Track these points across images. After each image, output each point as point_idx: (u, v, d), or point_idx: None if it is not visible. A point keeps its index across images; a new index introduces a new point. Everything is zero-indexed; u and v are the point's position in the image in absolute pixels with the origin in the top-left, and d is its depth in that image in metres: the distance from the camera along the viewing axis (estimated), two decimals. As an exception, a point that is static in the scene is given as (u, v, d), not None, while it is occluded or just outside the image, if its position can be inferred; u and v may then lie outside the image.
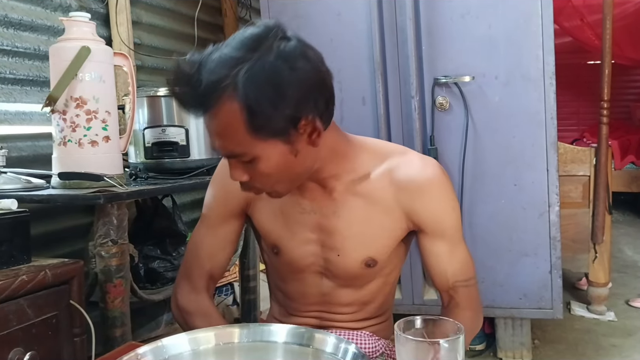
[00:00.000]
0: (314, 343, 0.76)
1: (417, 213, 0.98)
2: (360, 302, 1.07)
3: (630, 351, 2.38)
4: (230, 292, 2.58)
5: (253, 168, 0.87)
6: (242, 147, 0.84)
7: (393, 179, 0.98)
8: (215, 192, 1.08)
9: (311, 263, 1.03)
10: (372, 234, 0.99)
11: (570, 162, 2.67)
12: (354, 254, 0.99)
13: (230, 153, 0.87)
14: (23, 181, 1.43)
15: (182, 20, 2.64)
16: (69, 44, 1.40)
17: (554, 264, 2.11)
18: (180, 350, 0.77)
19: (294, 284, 1.08)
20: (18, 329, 1.04)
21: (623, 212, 5.18)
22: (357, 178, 0.98)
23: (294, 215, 1.01)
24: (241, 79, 0.78)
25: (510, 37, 2.04)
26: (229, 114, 0.81)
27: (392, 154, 1.00)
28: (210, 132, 0.86)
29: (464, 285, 1.01)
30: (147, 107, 1.74)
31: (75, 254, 1.81)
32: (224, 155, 0.89)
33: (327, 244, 1.01)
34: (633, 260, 3.80)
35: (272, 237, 1.05)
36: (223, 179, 1.05)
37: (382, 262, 1.01)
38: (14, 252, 1.12)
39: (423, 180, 0.97)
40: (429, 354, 0.62)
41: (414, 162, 0.99)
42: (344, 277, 1.03)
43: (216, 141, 0.86)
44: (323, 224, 1.00)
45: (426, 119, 2.14)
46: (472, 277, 1.03)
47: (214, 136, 0.86)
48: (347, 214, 0.98)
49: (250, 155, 0.85)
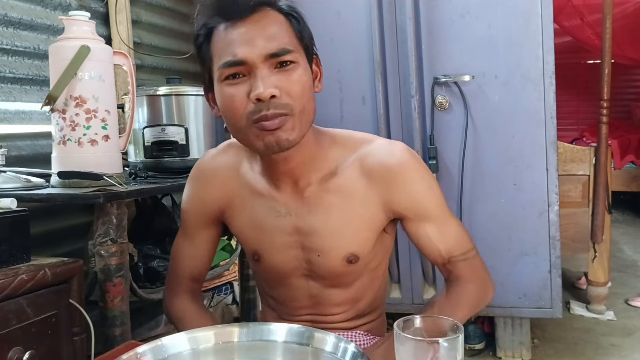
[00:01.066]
0: (314, 342, 0.76)
1: (394, 201, 0.97)
2: (350, 300, 1.06)
3: (629, 350, 2.38)
4: (230, 291, 2.58)
5: (287, 77, 0.86)
6: (291, 44, 0.87)
7: (364, 169, 0.97)
8: (189, 202, 1.09)
9: (295, 267, 1.02)
10: (350, 229, 0.98)
11: (569, 162, 2.67)
12: (333, 252, 0.98)
13: (281, 49, 0.85)
14: (22, 180, 1.43)
15: (181, 19, 2.64)
16: (68, 43, 1.40)
17: (554, 263, 2.11)
18: (179, 350, 0.77)
19: (282, 289, 1.07)
20: (17, 328, 1.04)
21: (623, 211, 5.18)
22: (328, 173, 0.97)
23: (270, 220, 1.00)
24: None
25: (510, 37, 2.04)
26: (276, 18, 0.88)
27: (360, 144, 0.99)
28: (258, 34, 0.85)
29: (462, 259, 1.00)
30: (146, 106, 1.74)
31: (74, 253, 1.81)
32: (274, 52, 0.85)
33: (306, 245, 1.00)
34: (632, 260, 3.81)
35: (251, 244, 1.04)
36: (197, 189, 1.07)
37: (365, 256, 1.00)
38: (14, 251, 1.12)
39: (392, 166, 0.96)
40: (429, 353, 0.62)
41: (381, 149, 0.98)
42: (329, 276, 1.02)
43: (265, 41, 0.85)
44: (299, 226, 0.99)
45: (426, 118, 2.14)
46: (470, 250, 1.01)
47: (264, 36, 0.85)
48: (322, 212, 0.98)
49: (294, 57, 0.87)
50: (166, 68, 2.51)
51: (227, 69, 0.86)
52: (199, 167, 1.09)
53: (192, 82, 2.52)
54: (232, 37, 0.85)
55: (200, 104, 1.77)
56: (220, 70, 0.87)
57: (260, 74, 0.84)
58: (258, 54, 0.84)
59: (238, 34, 0.85)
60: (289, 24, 0.89)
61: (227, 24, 0.87)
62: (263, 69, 0.85)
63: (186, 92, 1.75)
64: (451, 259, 1.00)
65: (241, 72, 0.86)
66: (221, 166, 1.06)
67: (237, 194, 1.04)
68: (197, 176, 1.09)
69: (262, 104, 0.85)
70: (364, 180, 0.97)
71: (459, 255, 1.00)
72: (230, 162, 1.05)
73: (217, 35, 0.88)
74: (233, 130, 0.92)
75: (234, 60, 0.85)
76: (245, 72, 0.86)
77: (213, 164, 1.07)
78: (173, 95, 1.74)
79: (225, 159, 1.06)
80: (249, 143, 0.91)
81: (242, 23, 0.85)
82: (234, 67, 0.86)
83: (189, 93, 1.75)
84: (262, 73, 0.85)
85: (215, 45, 0.89)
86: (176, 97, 1.74)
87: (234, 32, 0.86)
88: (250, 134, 0.88)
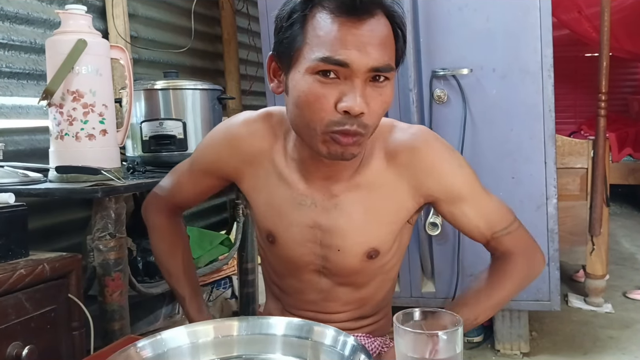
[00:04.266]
0: (313, 335, 0.76)
1: (424, 185, 0.95)
2: (358, 300, 1.04)
3: (627, 343, 2.39)
4: (229, 286, 2.58)
5: (378, 95, 0.83)
6: (392, 60, 0.84)
7: (389, 157, 0.95)
8: (207, 153, 1.06)
9: (309, 262, 1.00)
10: (375, 223, 0.96)
11: (567, 155, 2.67)
12: (355, 247, 0.96)
13: (386, 65, 0.81)
14: (20, 175, 1.42)
15: (179, 13, 2.63)
16: (65, 37, 1.39)
17: (552, 256, 2.11)
18: (179, 344, 0.77)
19: (291, 280, 1.05)
20: (16, 323, 1.04)
21: (620, 204, 5.20)
22: (356, 168, 0.96)
23: (292, 208, 0.97)
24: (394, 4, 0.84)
25: (508, 30, 2.03)
26: (387, 27, 0.82)
27: (383, 132, 0.96)
28: (370, 41, 0.79)
29: (505, 234, 0.98)
30: (144, 101, 1.73)
31: (73, 247, 1.81)
32: (379, 67, 0.81)
33: (326, 241, 0.97)
34: (630, 253, 3.82)
35: (267, 224, 1.01)
36: (220, 146, 1.03)
37: (384, 252, 0.98)
38: (12, 246, 1.12)
39: (417, 148, 0.94)
40: (428, 345, 0.62)
41: (403, 133, 0.96)
42: (344, 274, 1.00)
43: (376, 51, 0.80)
44: (322, 220, 0.96)
45: (424, 111, 2.14)
46: (512, 222, 0.99)
47: (375, 46, 0.80)
48: (348, 208, 0.95)
49: (390, 75, 0.84)
50: (163, 62, 2.50)
51: (324, 64, 0.79)
52: (230, 128, 1.03)
53: (189, 76, 2.52)
54: (343, 35, 0.79)
55: (198, 98, 1.76)
56: (314, 62, 0.80)
57: (359, 85, 0.80)
58: (365, 63, 0.79)
59: (352, 34, 0.79)
60: (394, 38, 0.84)
61: (341, 17, 0.79)
62: (362, 80, 0.81)
63: (184, 86, 1.75)
64: (494, 234, 0.98)
65: (338, 72, 0.80)
66: (254, 135, 1.00)
67: (261, 168, 1.00)
68: (224, 136, 1.03)
69: (347, 117, 0.81)
70: (392, 169, 0.95)
71: (501, 230, 0.98)
72: (265, 135, 1.00)
73: (322, 20, 0.80)
74: (299, 122, 0.87)
75: (339, 60, 0.79)
76: (342, 74, 0.80)
77: (246, 129, 1.01)
78: (171, 89, 1.73)
79: (261, 129, 1.00)
80: (312, 143, 0.86)
81: (359, 24, 0.79)
82: (335, 65, 0.79)
83: (186, 87, 1.75)
84: (361, 85, 0.80)
85: (316, 31, 0.81)
86: (174, 91, 1.73)
87: (347, 30, 0.79)
88: (320, 139, 0.84)
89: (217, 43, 3.02)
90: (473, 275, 2.15)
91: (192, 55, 2.72)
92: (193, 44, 2.59)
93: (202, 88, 1.77)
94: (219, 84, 1.95)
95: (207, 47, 2.94)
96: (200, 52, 2.84)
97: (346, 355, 0.70)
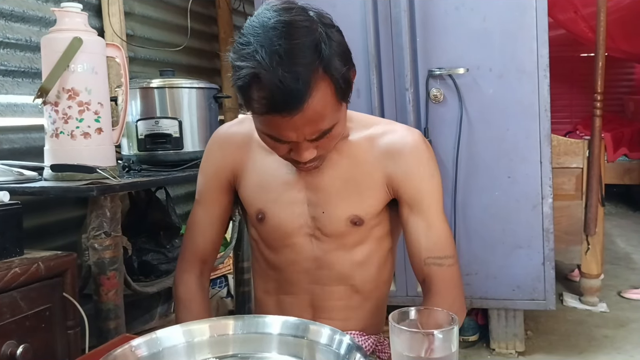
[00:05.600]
0: (309, 334, 0.76)
1: (395, 177, 1.00)
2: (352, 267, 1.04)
3: (622, 342, 2.40)
4: (225, 285, 2.58)
5: (327, 140, 0.89)
6: (333, 119, 0.87)
7: (375, 144, 1.01)
8: (205, 168, 1.12)
9: (300, 225, 1.03)
10: (355, 192, 1.00)
11: (563, 155, 2.68)
12: (338, 210, 1.00)
13: (323, 131, 0.87)
14: (15, 173, 1.42)
15: (175, 12, 2.63)
16: (60, 35, 1.39)
17: (547, 255, 2.12)
18: (174, 343, 0.77)
19: (284, 252, 1.06)
20: (11, 322, 1.03)
21: (615, 204, 5.21)
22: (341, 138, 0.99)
23: (281, 176, 1.03)
24: (326, 56, 0.82)
25: (504, 30, 2.04)
26: (324, 91, 0.83)
27: (378, 123, 1.04)
28: (307, 121, 0.83)
29: (438, 264, 0.98)
30: (140, 99, 1.73)
31: (68, 246, 1.81)
32: (314, 138, 0.87)
33: (313, 201, 1.02)
34: (625, 252, 3.83)
35: (257, 204, 1.05)
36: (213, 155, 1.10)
37: (369, 221, 1.01)
38: (7, 245, 1.12)
39: (403, 146, 1.00)
40: (424, 344, 0.62)
41: (398, 131, 1.02)
42: (333, 234, 1.02)
43: (312, 127, 0.85)
44: (309, 181, 1.01)
45: (420, 111, 2.14)
46: (449, 257, 0.99)
47: (312, 123, 0.84)
48: (330, 171, 1.00)
49: (334, 124, 0.88)
50: (159, 60, 2.49)
51: (269, 137, 0.89)
52: (215, 136, 1.12)
53: (185, 74, 2.51)
54: (278, 123, 0.84)
55: (194, 96, 1.76)
56: (260, 130, 0.90)
57: (303, 146, 0.88)
58: (303, 138, 0.87)
59: (286, 121, 0.83)
60: (333, 90, 0.84)
61: (275, 115, 0.83)
62: (305, 142, 0.88)
63: (180, 85, 1.74)
64: (427, 259, 0.98)
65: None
66: (236, 134, 1.09)
67: (249, 157, 1.06)
68: (212, 143, 1.12)
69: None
70: (374, 152, 1.01)
71: (436, 258, 0.98)
72: (246, 131, 1.07)
73: (259, 111, 0.86)
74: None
75: (278, 139, 0.88)
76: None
77: (228, 131, 1.11)
78: (167, 87, 1.73)
79: (240, 128, 1.09)
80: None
81: (290, 117, 0.82)
82: (277, 142, 0.89)
83: (182, 86, 1.75)
84: (304, 146, 0.88)
85: (256, 114, 0.86)
86: (170, 90, 1.73)
87: (282, 119, 0.82)
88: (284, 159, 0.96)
89: (213, 42, 3.01)
90: (469, 275, 2.15)
91: (188, 54, 2.72)
92: (189, 42, 2.59)
93: (198, 87, 1.77)
94: (215, 83, 1.95)
95: (204, 45, 2.93)
96: (197, 50, 2.84)
97: (342, 354, 0.70)
